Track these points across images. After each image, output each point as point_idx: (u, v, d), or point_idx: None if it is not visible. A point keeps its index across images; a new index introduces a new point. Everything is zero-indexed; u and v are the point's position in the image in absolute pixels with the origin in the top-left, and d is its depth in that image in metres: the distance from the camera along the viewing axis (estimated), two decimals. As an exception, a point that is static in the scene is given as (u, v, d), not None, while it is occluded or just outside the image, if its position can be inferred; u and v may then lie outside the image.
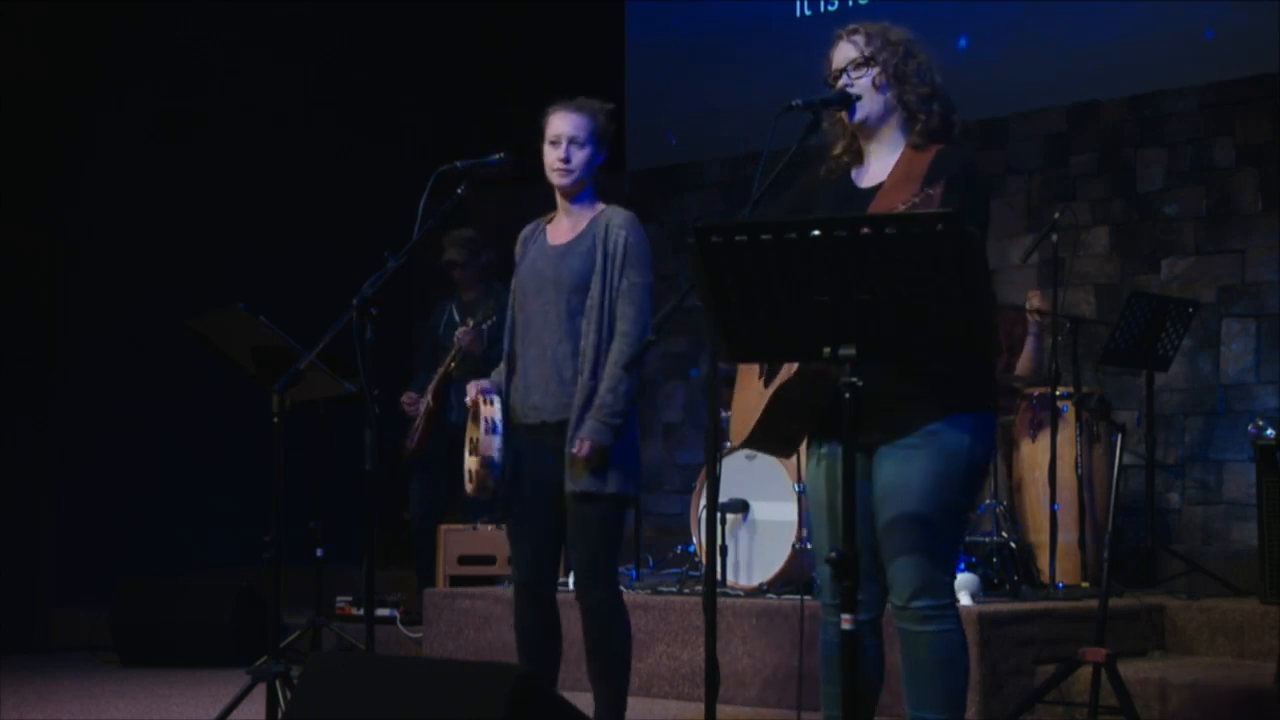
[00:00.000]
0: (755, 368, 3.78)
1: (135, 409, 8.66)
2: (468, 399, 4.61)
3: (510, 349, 4.66)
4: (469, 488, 4.62)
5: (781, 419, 3.70)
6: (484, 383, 4.61)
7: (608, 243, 4.50)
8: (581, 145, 4.52)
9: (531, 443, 4.57)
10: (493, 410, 4.51)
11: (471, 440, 4.65)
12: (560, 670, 4.73)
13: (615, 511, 4.48)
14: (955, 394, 3.58)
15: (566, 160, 4.51)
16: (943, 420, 3.56)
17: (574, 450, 4.40)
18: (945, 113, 3.72)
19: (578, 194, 4.60)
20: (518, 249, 4.74)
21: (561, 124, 4.52)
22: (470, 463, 4.61)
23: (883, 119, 3.72)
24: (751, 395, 3.76)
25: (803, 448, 3.88)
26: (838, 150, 3.80)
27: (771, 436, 3.78)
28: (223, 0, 9.24)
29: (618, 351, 4.45)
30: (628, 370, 4.40)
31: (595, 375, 4.45)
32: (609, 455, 4.42)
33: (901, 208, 3.32)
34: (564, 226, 4.64)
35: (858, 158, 3.80)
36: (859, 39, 3.71)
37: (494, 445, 4.49)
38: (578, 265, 4.51)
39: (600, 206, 4.63)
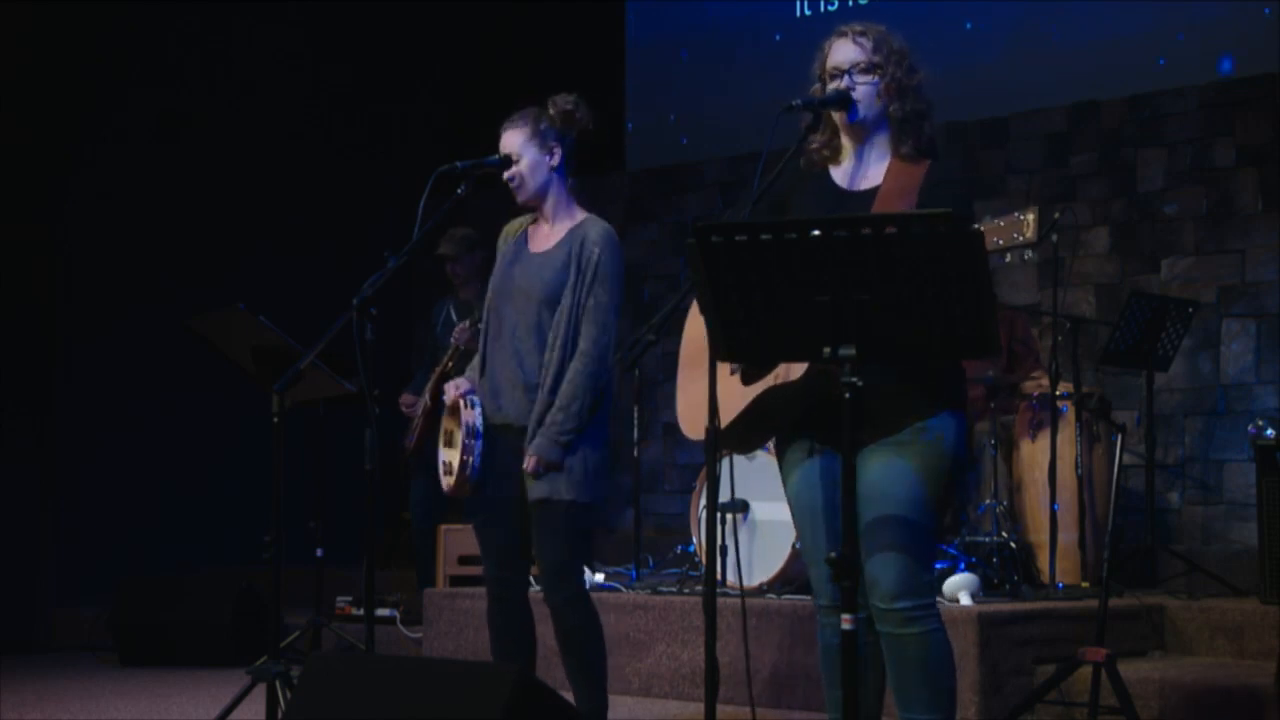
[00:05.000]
0: (704, 361, 3.70)
1: (135, 409, 8.66)
2: (446, 398, 4.63)
3: (482, 348, 4.67)
4: (447, 484, 4.64)
5: (768, 417, 3.69)
6: (464, 383, 4.62)
7: (582, 259, 4.52)
8: (519, 159, 4.56)
9: (497, 442, 4.58)
10: (474, 415, 4.54)
11: (447, 433, 4.67)
12: (539, 668, 4.74)
13: (576, 516, 4.48)
14: (941, 392, 3.59)
15: (512, 179, 4.58)
16: (930, 418, 3.56)
17: (524, 465, 4.44)
18: (932, 130, 3.73)
19: (549, 203, 4.62)
20: (500, 244, 4.75)
21: (502, 145, 4.59)
22: (448, 456, 4.63)
23: (877, 125, 3.71)
24: (719, 390, 3.72)
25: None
26: (815, 144, 3.78)
27: (749, 435, 3.77)
28: (223, 1, 9.25)
29: (575, 370, 4.46)
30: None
31: (555, 390, 4.46)
32: (561, 467, 4.44)
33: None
34: (543, 233, 4.65)
35: (835, 155, 3.78)
36: (865, 42, 3.69)
37: (476, 450, 4.53)
38: (550, 278, 4.53)
39: (580, 216, 4.63)
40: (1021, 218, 3.28)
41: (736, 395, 3.67)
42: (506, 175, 4.58)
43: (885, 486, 3.54)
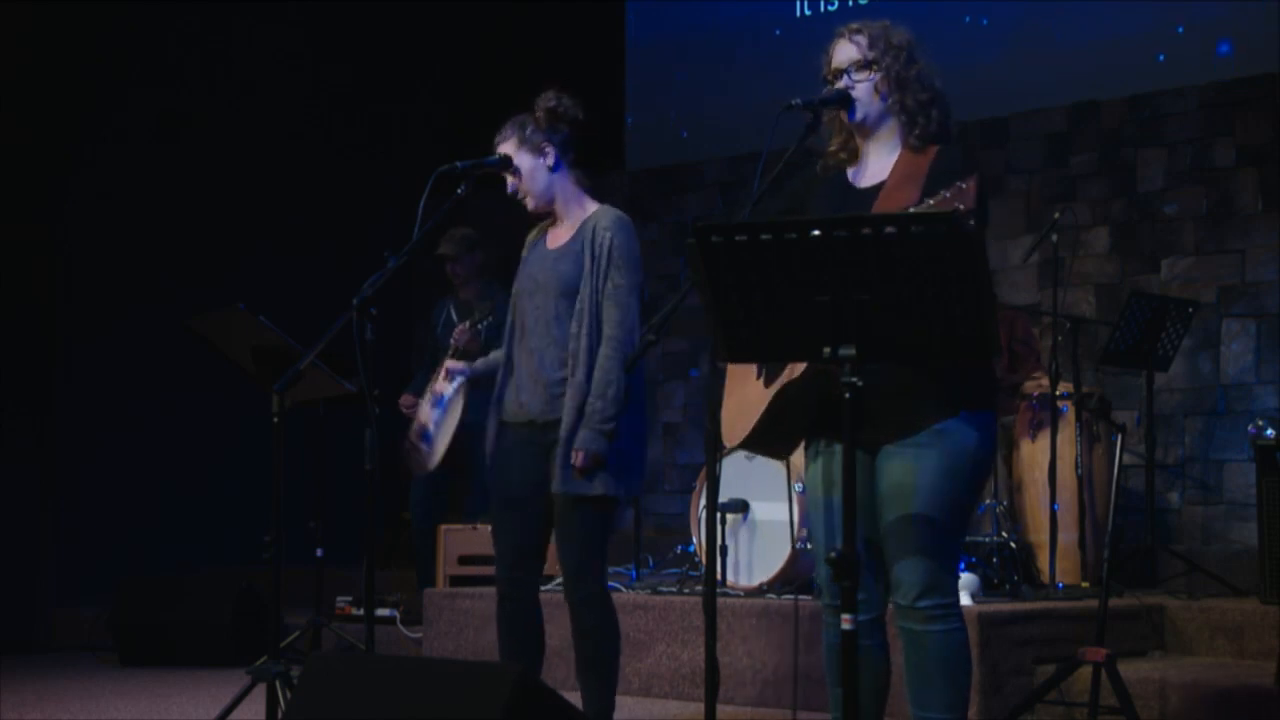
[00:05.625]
0: (749, 369, 3.76)
1: (135, 409, 8.66)
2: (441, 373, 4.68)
3: (508, 351, 4.69)
4: (417, 450, 4.68)
5: (784, 418, 3.69)
6: (459, 364, 4.67)
7: (595, 245, 4.53)
8: (516, 169, 4.59)
9: (518, 440, 4.59)
10: (447, 387, 4.56)
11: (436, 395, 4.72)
12: (543, 669, 4.74)
13: (602, 513, 4.48)
14: (963, 392, 3.58)
15: (514, 191, 4.62)
16: (951, 419, 3.56)
17: (572, 461, 4.42)
18: (944, 117, 3.72)
19: (558, 203, 4.65)
20: (524, 254, 4.78)
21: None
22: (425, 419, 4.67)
23: (881, 120, 3.72)
24: (748, 395, 3.75)
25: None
26: (833, 147, 3.80)
27: (772, 436, 3.77)
28: (223, 1, 9.25)
29: (604, 356, 4.46)
30: (628, 371, 4.40)
31: (589, 378, 4.46)
32: (606, 461, 4.43)
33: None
34: (559, 230, 4.68)
35: (853, 156, 3.79)
36: (861, 40, 3.70)
37: (432, 417, 4.55)
38: (566, 269, 4.54)
39: (591, 208, 4.65)
40: (964, 186, 3.27)
41: (761, 399, 3.68)
42: (510, 190, 4.62)
43: (908, 487, 3.54)
